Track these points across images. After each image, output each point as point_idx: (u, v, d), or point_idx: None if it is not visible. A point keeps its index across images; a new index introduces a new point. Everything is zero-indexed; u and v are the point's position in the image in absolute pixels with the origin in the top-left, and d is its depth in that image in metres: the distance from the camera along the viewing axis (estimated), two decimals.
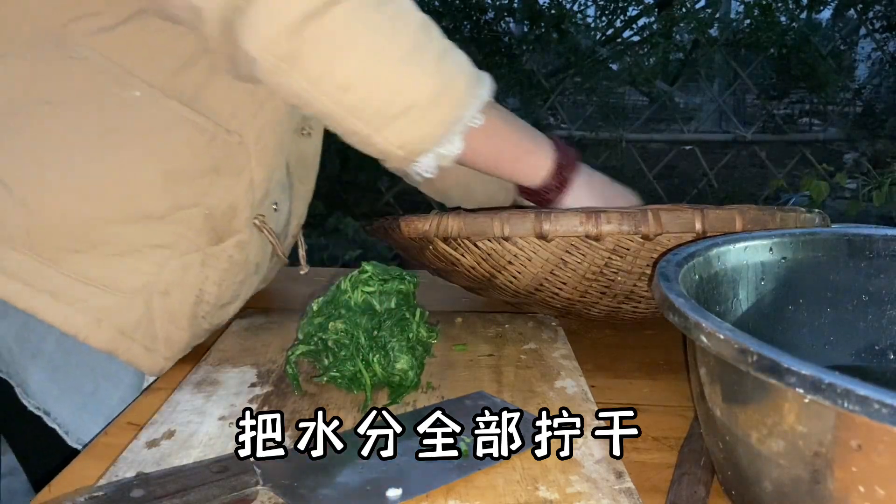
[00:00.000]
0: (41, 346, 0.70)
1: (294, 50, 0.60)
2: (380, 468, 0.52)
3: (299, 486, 0.50)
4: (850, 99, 4.15)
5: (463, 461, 0.53)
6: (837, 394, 0.35)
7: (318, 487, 0.50)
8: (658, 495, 0.53)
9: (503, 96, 4.21)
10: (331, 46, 0.60)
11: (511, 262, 0.73)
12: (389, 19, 0.62)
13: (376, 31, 0.61)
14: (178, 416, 0.60)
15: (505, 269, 0.74)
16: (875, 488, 0.37)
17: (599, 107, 4.11)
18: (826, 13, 4.08)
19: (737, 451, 0.46)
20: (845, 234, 0.64)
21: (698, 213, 0.67)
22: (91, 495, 0.45)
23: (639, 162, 4.09)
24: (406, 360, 0.64)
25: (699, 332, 0.43)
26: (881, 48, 3.97)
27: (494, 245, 0.71)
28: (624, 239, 0.69)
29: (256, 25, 0.59)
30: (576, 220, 0.68)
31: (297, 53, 0.60)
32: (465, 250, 0.72)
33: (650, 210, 0.68)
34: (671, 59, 4.20)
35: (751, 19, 3.96)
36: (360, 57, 0.61)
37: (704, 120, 4.43)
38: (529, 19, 4.02)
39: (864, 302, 0.64)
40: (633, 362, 0.78)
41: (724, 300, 0.61)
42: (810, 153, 3.95)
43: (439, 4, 3.96)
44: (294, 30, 0.59)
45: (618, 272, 0.73)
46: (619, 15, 4.20)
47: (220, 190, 0.71)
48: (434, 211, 0.72)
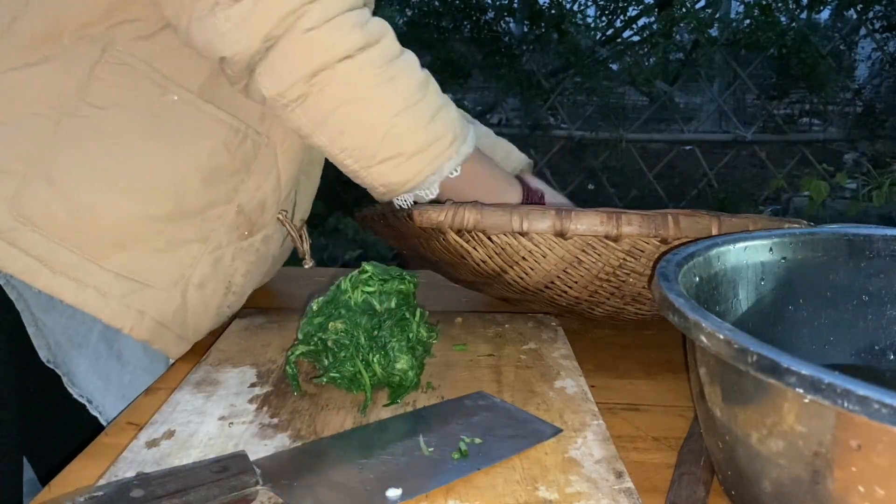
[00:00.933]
0: (88, 336, 0.74)
1: (303, 94, 0.67)
2: (380, 468, 0.52)
3: (299, 485, 0.50)
4: (850, 99, 4.15)
5: (463, 461, 0.53)
6: (837, 394, 0.35)
7: (317, 487, 0.50)
8: (658, 495, 0.53)
9: (503, 96, 4.21)
10: (335, 96, 0.67)
11: (524, 258, 0.73)
12: (391, 78, 0.68)
13: (377, 85, 0.68)
14: (178, 416, 0.60)
15: (517, 264, 0.74)
16: (875, 488, 0.37)
17: (599, 107, 4.10)
18: (826, 13, 4.08)
19: (736, 451, 0.46)
20: (845, 234, 0.64)
21: (715, 219, 0.69)
22: (91, 495, 0.45)
23: (639, 162, 4.09)
24: (406, 360, 0.64)
25: (699, 332, 0.43)
26: (881, 48, 3.97)
27: (510, 239, 0.71)
28: (641, 241, 0.70)
29: (277, 72, 0.66)
30: (596, 219, 0.69)
31: (304, 96, 0.67)
32: (477, 243, 0.72)
33: (670, 214, 0.69)
34: (671, 59, 4.19)
35: (751, 19, 3.96)
36: (360, 108, 0.68)
37: (704, 120, 4.42)
38: (529, 19, 4.02)
39: (864, 302, 0.64)
40: (633, 362, 0.78)
41: (724, 300, 0.61)
42: (810, 153, 3.95)
43: (439, 4, 3.96)
44: (307, 79, 0.66)
45: (630, 273, 0.73)
46: (619, 15, 4.20)
47: (251, 187, 0.76)
48: (449, 201, 0.72)
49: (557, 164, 4.24)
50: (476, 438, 0.56)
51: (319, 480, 0.51)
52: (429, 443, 0.55)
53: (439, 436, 0.57)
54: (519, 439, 0.56)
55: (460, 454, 0.54)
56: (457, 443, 0.55)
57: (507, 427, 0.58)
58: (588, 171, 4.14)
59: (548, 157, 4.16)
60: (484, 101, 4.42)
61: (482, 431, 0.57)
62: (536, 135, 4.12)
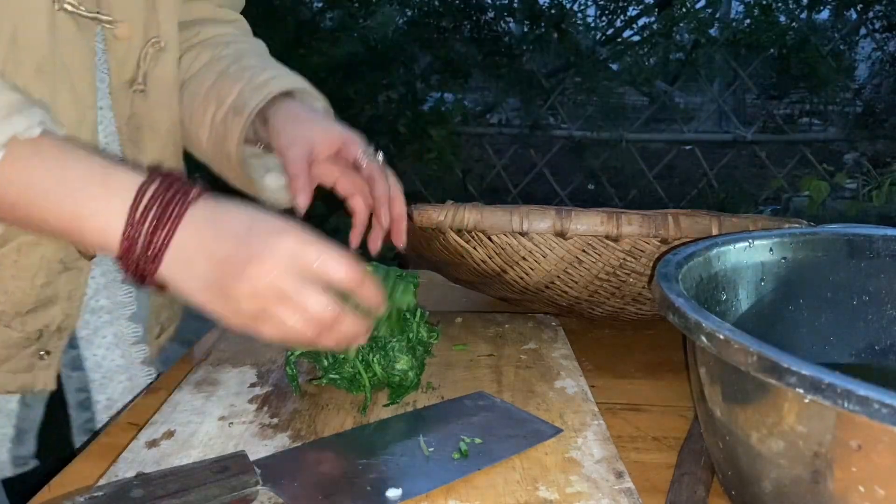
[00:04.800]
0: None
1: None
2: (380, 468, 0.52)
3: (299, 485, 0.50)
4: (850, 99, 4.14)
5: (463, 461, 0.53)
6: (838, 394, 0.35)
7: (317, 487, 0.50)
8: (658, 495, 0.53)
9: (503, 96, 4.21)
10: None
11: (525, 258, 0.73)
12: None
13: None
14: (178, 416, 0.60)
15: (517, 264, 0.74)
16: (875, 488, 0.37)
17: (599, 107, 4.10)
18: (826, 13, 4.08)
19: (737, 451, 0.46)
20: (845, 234, 0.64)
21: (715, 219, 0.69)
22: (91, 495, 0.44)
23: (639, 162, 4.08)
24: (406, 360, 0.64)
25: (699, 332, 0.43)
26: (881, 48, 3.97)
27: (510, 239, 0.71)
28: (641, 241, 0.70)
29: None
30: (597, 219, 0.69)
31: None
32: (477, 243, 0.72)
33: (670, 214, 0.69)
34: (671, 59, 4.19)
35: (751, 19, 3.96)
36: None
37: (704, 120, 4.42)
38: (529, 19, 4.01)
39: (864, 302, 0.64)
40: (634, 362, 0.78)
41: (724, 300, 0.61)
42: (810, 153, 3.95)
43: (439, 4, 3.96)
44: None
45: (630, 273, 0.73)
46: (619, 15, 4.19)
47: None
48: (449, 201, 0.72)
49: (557, 164, 4.24)
50: (476, 438, 0.56)
51: (319, 481, 0.51)
52: (429, 443, 0.55)
53: (439, 436, 0.57)
54: (519, 439, 0.56)
55: (460, 454, 0.54)
56: (457, 443, 0.55)
57: (508, 427, 0.58)
58: (588, 171, 4.14)
59: (548, 157, 4.16)
60: (484, 101, 4.42)
61: (482, 431, 0.57)
62: (536, 135, 4.12)
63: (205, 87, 0.77)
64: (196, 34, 0.80)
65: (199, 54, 0.79)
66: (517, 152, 4.25)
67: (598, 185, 4.18)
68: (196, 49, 0.80)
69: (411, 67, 3.91)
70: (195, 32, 0.80)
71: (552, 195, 4.12)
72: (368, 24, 3.78)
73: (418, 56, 3.96)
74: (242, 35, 0.84)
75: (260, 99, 0.72)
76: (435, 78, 3.97)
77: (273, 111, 0.72)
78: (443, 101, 3.99)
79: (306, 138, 0.69)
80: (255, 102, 0.72)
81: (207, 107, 0.76)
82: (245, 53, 0.79)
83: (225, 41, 0.80)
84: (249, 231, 0.51)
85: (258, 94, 0.72)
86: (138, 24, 0.70)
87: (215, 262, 0.50)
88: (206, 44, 0.80)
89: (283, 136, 0.70)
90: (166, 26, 0.73)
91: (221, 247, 0.50)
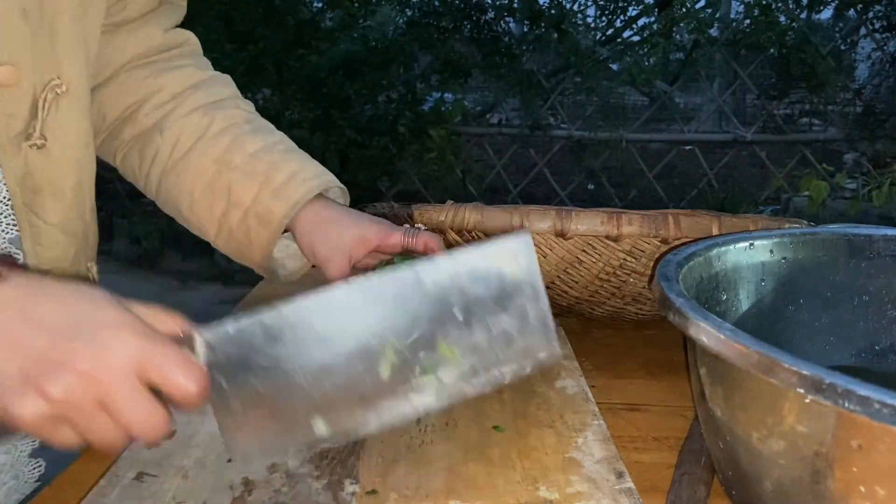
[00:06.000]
0: None
1: None
2: None
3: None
4: (850, 99, 4.14)
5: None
6: (838, 394, 0.35)
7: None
8: (658, 495, 0.53)
9: (503, 96, 4.21)
10: None
11: None
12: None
13: None
14: (178, 416, 0.60)
15: None
16: (875, 488, 0.37)
17: (599, 107, 4.11)
18: (826, 13, 4.09)
19: (737, 451, 0.46)
20: (845, 234, 0.64)
21: (715, 219, 0.69)
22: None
23: (639, 162, 4.09)
24: None
25: (699, 332, 0.43)
26: (881, 48, 3.97)
27: None
28: (641, 241, 0.70)
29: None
30: (597, 219, 0.69)
31: None
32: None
33: (670, 214, 0.69)
34: (671, 59, 4.19)
35: (751, 19, 3.96)
36: None
37: (704, 120, 4.42)
38: (529, 19, 4.02)
39: (864, 302, 0.64)
40: (634, 362, 0.78)
41: (724, 300, 0.61)
42: (810, 153, 3.95)
43: (439, 4, 3.96)
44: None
45: (631, 273, 0.73)
46: (619, 15, 4.20)
47: None
48: (449, 202, 0.72)
49: (557, 164, 4.25)
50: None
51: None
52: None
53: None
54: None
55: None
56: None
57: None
58: (588, 171, 4.14)
59: (548, 157, 4.17)
60: (484, 101, 4.43)
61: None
62: (536, 135, 4.13)
63: (204, 179, 0.71)
64: (174, 98, 0.73)
65: (183, 132, 0.72)
66: (517, 152, 4.25)
67: (597, 185, 4.18)
68: (178, 122, 0.72)
69: (411, 67, 3.92)
70: (172, 95, 0.73)
71: (552, 195, 4.12)
72: (368, 23, 3.78)
73: (418, 56, 3.96)
74: (219, 85, 0.76)
75: (287, 209, 0.69)
76: (435, 78, 3.98)
77: (299, 216, 0.70)
78: (443, 101, 4.00)
79: (343, 247, 0.69)
80: (282, 213, 0.69)
81: (213, 203, 0.71)
82: (239, 132, 0.72)
83: (208, 109, 0.73)
84: (71, 323, 0.43)
85: (283, 204, 0.69)
86: (26, 65, 0.57)
87: (21, 355, 0.41)
88: (191, 116, 0.72)
89: (318, 247, 0.69)
90: (68, 65, 0.61)
91: (32, 339, 0.42)
